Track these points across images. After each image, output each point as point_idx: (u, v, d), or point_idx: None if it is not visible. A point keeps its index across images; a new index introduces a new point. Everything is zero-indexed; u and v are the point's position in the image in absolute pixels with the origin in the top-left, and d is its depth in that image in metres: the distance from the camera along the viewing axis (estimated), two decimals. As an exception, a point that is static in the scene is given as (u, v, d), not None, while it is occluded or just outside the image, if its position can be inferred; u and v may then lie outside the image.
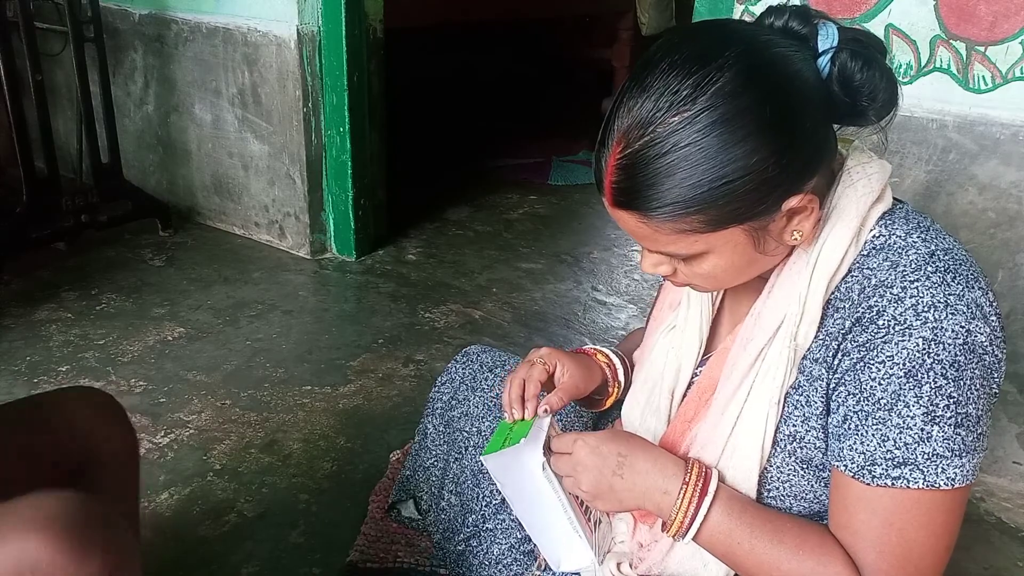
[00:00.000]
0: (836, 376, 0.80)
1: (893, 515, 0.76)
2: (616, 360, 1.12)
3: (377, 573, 1.40)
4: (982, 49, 1.56)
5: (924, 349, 0.74)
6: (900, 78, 1.65)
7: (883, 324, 0.76)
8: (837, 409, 0.79)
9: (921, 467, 0.74)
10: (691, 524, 0.82)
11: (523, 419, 0.99)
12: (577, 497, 0.95)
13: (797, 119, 0.74)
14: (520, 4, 4.99)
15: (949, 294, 0.75)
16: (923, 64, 1.62)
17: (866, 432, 0.76)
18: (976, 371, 0.74)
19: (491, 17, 4.76)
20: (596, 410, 1.15)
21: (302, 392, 2.02)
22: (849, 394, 0.78)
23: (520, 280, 2.77)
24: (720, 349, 0.92)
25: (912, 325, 0.74)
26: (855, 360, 0.77)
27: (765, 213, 0.76)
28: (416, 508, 1.44)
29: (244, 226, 3.03)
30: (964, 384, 0.74)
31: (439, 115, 4.51)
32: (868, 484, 0.76)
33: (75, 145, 2.92)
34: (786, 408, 0.83)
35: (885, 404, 0.75)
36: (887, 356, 0.75)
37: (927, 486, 0.74)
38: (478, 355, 1.31)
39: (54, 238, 2.65)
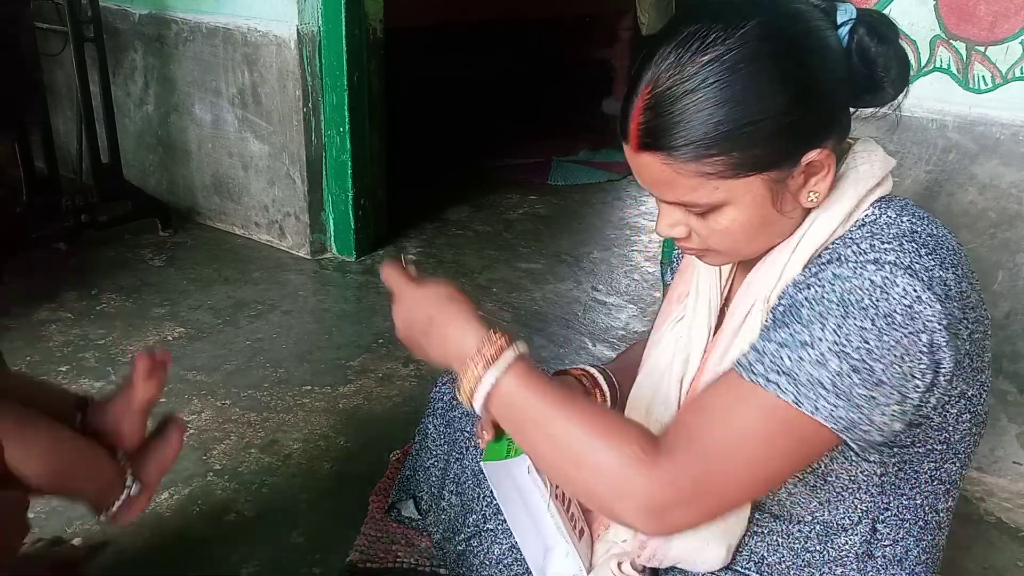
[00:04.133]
0: (783, 297, 0.79)
1: (741, 411, 0.73)
2: (594, 371, 1.13)
3: (377, 573, 1.40)
4: (982, 49, 1.56)
5: (869, 291, 0.72)
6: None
7: (838, 261, 0.77)
8: (768, 321, 0.79)
9: (799, 383, 0.71)
10: (475, 391, 0.79)
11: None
12: (568, 509, 0.98)
13: (819, 72, 0.77)
14: (520, 4, 4.99)
15: (915, 262, 0.74)
16: (923, 64, 1.62)
17: (772, 336, 0.75)
18: (905, 340, 0.71)
19: (491, 17, 4.77)
20: None
21: (302, 392, 2.02)
22: (782, 308, 0.78)
23: (520, 280, 2.77)
24: (720, 330, 0.92)
25: (867, 268, 0.74)
26: (800, 284, 0.78)
27: (785, 163, 0.77)
28: (416, 508, 1.44)
29: (244, 226, 3.03)
30: (888, 342, 0.71)
31: (439, 115, 4.51)
32: (741, 377, 0.74)
33: (75, 145, 2.92)
34: None
35: (805, 319, 0.73)
36: (830, 284, 0.74)
37: (792, 402, 0.71)
38: (478, 355, 1.30)
39: (54, 238, 2.65)
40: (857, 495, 0.85)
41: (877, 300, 0.72)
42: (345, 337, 2.31)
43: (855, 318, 0.71)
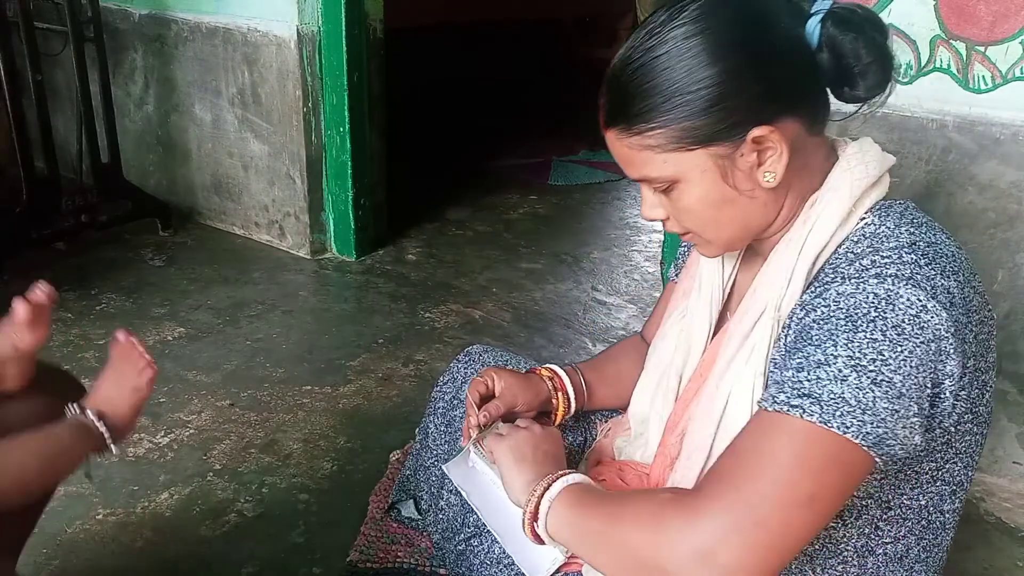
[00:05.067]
0: (791, 327, 0.80)
1: (772, 440, 0.72)
2: (562, 373, 1.18)
3: (377, 573, 1.40)
4: (982, 49, 1.56)
5: (873, 303, 0.73)
6: (900, 78, 1.65)
7: (840, 280, 0.77)
8: (781, 352, 0.80)
9: (822, 403, 0.71)
10: (534, 520, 0.88)
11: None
12: None
13: (760, 51, 0.80)
14: (520, 4, 4.99)
15: (916, 273, 0.74)
16: (923, 64, 1.62)
17: (788, 363, 0.75)
18: (917, 350, 0.71)
19: (491, 17, 4.77)
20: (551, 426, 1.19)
21: (302, 392, 2.02)
22: (792, 336, 0.79)
23: (520, 280, 2.77)
24: (723, 328, 0.93)
25: (868, 282, 0.75)
26: (808, 308, 0.78)
27: (727, 137, 0.79)
28: (416, 508, 1.44)
29: (244, 226, 3.03)
30: (902, 353, 0.71)
31: (439, 115, 4.52)
32: (767, 408, 0.74)
33: (75, 145, 2.91)
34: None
35: (816, 340, 0.74)
36: (835, 303, 0.75)
37: (820, 422, 0.70)
38: (480, 355, 1.31)
39: (54, 238, 2.65)
40: (856, 493, 0.85)
41: (884, 311, 0.72)
42: (345, 337, 2.31)
43: (865, 331, 0.72)
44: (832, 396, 0.71)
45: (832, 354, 0.72)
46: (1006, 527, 1.65)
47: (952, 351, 0.73)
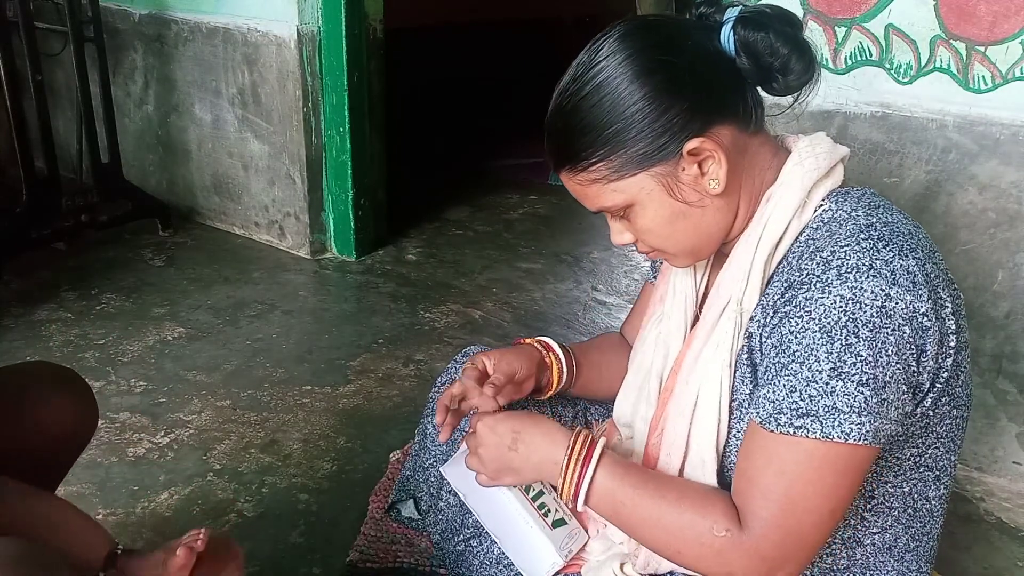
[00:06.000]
0: (766, 331, 0.83)
1: (786, 465, 0.78)
2: (548, 339, 1.18)
3: (377, 573, 1.40)
4: (982, 49, 1.55)
5: (841, 307, 0.76)
6: (900, 78, 1.65)
7: (807, 282, 0.79)
8: (762, 361, 0.84)
9: (820, 418, 0.76)
10: (578, 490, 0.88)
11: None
12: (537, 499, 1.01)
13: (675, 69, 0.83)
14: (520, 4, 4.99)
15: (875, 259, 0.77)
16: (923, 64, 1.62)
17: (778, 382, 0.79)
18: (891, 338, 0.75)
19: (491, 17, 4.77)
20: (543, 397, 1.18)
21: (302, 392, 2.02)
22: (772, 347, 0.82)
23: (520, 280, 2.77)
24: (694, 329, 0.95)
25: (832, 283, 0.77)
26: (781, 316, 0.81)
27: (662, 157, 0.83)
28: (416, 508, 1.44)
29: (244, 226, 3.03)
30: (877, 346, 0.75)
31: (440, 115, 4.51)
32: (772, 431, 0.79)
33: (75, 145, 2.92)
34: (736, 374, 0.87)
35: (799, 356, 0.78)
36: (806, 312, 0.78)
37: (823, 437, 0.76)
38: (478, 355, 1.30)
39: (54, 238, 2.65)
40: None
41: (854, 313, 0.75)
42: (345, 337, 2.31)
43: (840, 339, 0.75)
44: (827, 409, 0.76)
45: (817, 369, 0.76)
46: (1006, 527, 1.65)
47: (929, 326, 0.77)
